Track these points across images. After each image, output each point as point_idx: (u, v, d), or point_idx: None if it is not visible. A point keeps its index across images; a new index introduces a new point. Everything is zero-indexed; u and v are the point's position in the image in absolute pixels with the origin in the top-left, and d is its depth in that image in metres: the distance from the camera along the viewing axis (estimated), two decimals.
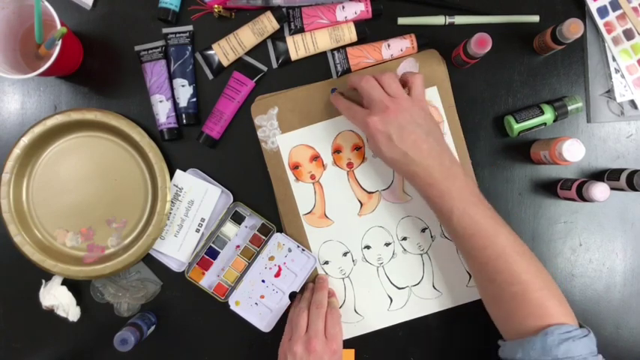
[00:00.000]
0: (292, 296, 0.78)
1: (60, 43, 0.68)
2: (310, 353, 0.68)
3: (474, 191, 0.67)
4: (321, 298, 0.74)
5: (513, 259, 0.65)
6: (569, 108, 0.76)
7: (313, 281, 0.79)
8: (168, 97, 0.78)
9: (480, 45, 0.69)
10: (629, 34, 0.77)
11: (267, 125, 0.77)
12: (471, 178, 0.67)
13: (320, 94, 0.78)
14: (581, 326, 0.64)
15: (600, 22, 0.77)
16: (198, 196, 0.78)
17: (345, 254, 0.79)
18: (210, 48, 0.78)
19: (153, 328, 0.78)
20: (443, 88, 0.77)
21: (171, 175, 0.78)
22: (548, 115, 0.76)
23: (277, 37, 0.78)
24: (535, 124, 0.76)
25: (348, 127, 0.78)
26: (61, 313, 0.78)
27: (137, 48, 0.78)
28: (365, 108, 0.70)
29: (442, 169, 0.66)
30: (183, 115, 0.78)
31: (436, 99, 0.77)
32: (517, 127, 0.75)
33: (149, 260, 0.79)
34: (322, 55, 0.79)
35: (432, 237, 0.78)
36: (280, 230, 0.79)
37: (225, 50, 0.77)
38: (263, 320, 0.78)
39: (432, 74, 0.77)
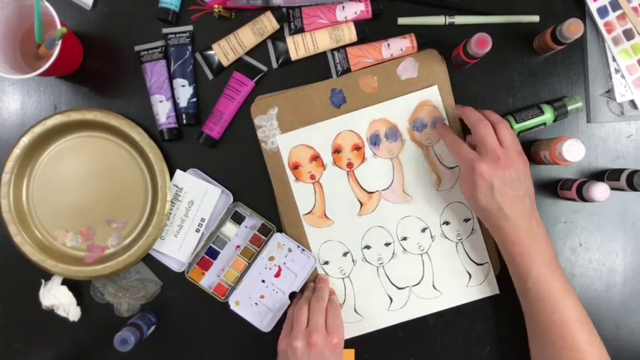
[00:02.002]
0: (292, 296, 0.78)
1: (60, 43, 0.68)
2: (311, 347, 0.67)
3: (553, 256, 0.69)
4: (322, 293, 0.74)
5: (578, 328, 0.67)
6: (569, 108, 0.76)
7: (314, 281, 0.78)
8: (168, 97, 0.78)
9: (480, 45, 0.69)
10: (629, 34, 0.77)
11: (267, 125, 0.77)
12: (551, 245, 0.70)
13: (320, 94, 0.78)
14: None
15: (600, 22, 0.77)
16: (198, 196, 0.78)
17: (345, 254, 0.79)
18: (210, 48, 0.78)
19: (153, 328, 0.78)
20: (443, 88, 0.77)
21: (172, 175, 0.78)
22: (548, 115, 0.76)
23: (277, 37, 0.78)
24: (535, 124, 0.76)
25: (348, 127, 0.78)
26: (61, 313, 0.78)
27: (137, 48, 0.78)
28: (471, 145, 0.71)
29: (529, 230, 0.68)
30: (184, 115, 0.78)
31: (436, 98, 0.77)
32: (517, 127, 0.75)
33: (149, 260, 0.79)
34: (322, 55, 0.79)
35: (432, 237, 0.78)
36: (280, 230, 0.79)
37: (225, 50, 0.77)
38: (263, 320, 0.78)
39: (431, 74, 0.77)
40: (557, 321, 0.67)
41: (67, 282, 0.78)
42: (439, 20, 0.78)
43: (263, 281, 0.78)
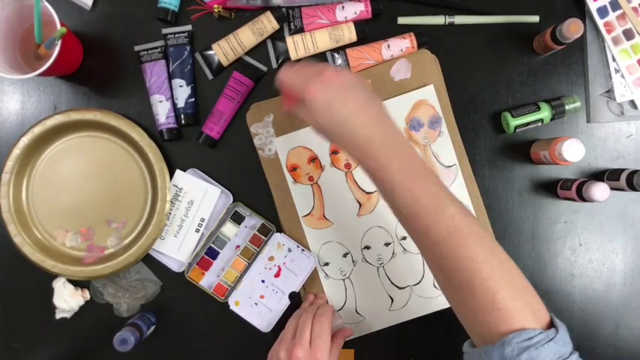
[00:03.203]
0: (292, 296, 0.78)
1: (60, 43, 0.68)
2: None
3: (418, 164, 0.57)
4: (312, 308, 0.73)
5: (459, 241, 0.54)
6: (567, 107, 0.76)
7: (315, 295, 0.79)
8: (168, 98, 0.78)
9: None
10: (629, 34, 0.77)
11: (264, 132, 0.77)
12: (414, 150, 0.58)
13: None
14: (550, 323, 0.54)
15: (600, 22, 0.77)
16: (198, 196, 0.78)
17: (345, 255, 0.79)
18: (210, 48, 0.78)
19: (153, 328, 0.78)
20: (438, 87, 0.77)
21: (171, 175, 0.78)
22: (545, 113, 0.76)
23: (277, 37, 0.78)
24: (531, 119, 0.75)
25: None
26: (60, 314, 0.78)
27: (137, 48, 0.78)
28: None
29: (384, 137, 0.56)
30: (182, 116, 0.78)
31: (433, 97, 0.77)
32: (513, 122, 0.75)
33: (149, 260, 0.79)
34: (322, 56, 0.79)
35: None
36: (280, 230, 0.79)
37: (225, 50, 0.77)
38: (263, 320, 0.78)
39: (425, 74, 0.77)
40: (435, 238, 0.55)
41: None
42: (439, 20, 0.78)
43: (263, 281, 0.78)
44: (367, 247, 0.78)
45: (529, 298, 0.54)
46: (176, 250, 0.78)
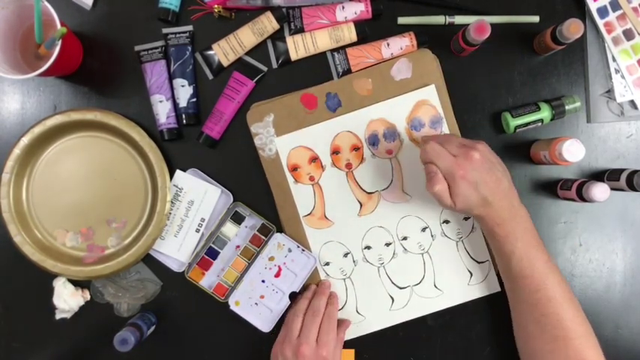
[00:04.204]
0: (292, 296, 0.78)
1: (60, 43, 0.68)
2: (298, 358, 0.68)
3: (535, 235, 0.69)
4: (319, 305, 0.74)
5: (562, 305, 0.67)
6: (567, 107, 0.76)
7: (317, 284, 0.78)
8: (168, 97, 0.78)
9: (479, 32, 0.69)
10: (629, 34, 0.77)
11: (264, 132, 0.77)
12: (532, 222, 0.69)
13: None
14: None
15: (600, 22, 0.77)
16: (198, 196, 0.78)
17: (345, 255, 0.79)
18: (210, 48, 0.78)
19: (153, 328, 0.78)
20: (439, 87, 0.77)
21: (171, 175, 0.78)
22: (545, 113, 0.76)
23: (277, 37, 0.78)
24: (531, 120, 0.76)
25: (346, 128, 0.78)
26: (60, 314, 0.78)
27: (137, 48, 0.78)
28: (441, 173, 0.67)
29: (511, 209, 0.67)
30: (183, 116, 0.78)
31: (434, 97, 0.77)
32: (513, 122, 0.75)
33: (149, 260, 0.79)
34: (322, 55, 0.79)
35: (432, 236, 0.78)
36: (280, 230, 0.79)
37: (225, 50, 0.77)
38: (263, 320, 0.78)
39: (425, 73, 0.77)
40: (541, 299, 0.67)
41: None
42: (439, 20, 0.78)
43: (263, 281, 0.78)
44: (368, 247, 0.79)
45: (602, 356, 0.68)
46: (176, 250, 0.78)
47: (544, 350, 0.68)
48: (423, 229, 0.78)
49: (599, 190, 0.70)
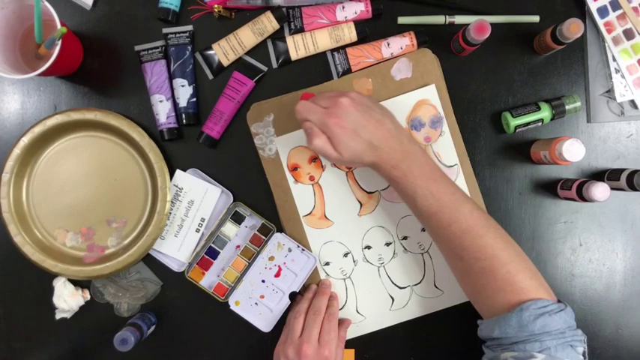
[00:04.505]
0: (292, 296, 0.78)
1: (60, 43, 0.68)
2: (301, 358, 0.68)
3: (435, 168, 0.66)
4: (320, 305, 0.74)
5: (478, 233, 0.64)
6: (567, 107, 0.76)
7: (317, 284, 0.78)
8: (169, 97, 0.78)
9: (479, 31, 0.69)
10: (629, 34, 0.77)
11: (264, 132, 0.77)
12: (429, 156, 0.67)
13: None
14: (558, 301, 0.63)
15: (600, 22, 0.77)
16: (198, 196, 0.78)
17: (345, 255, 0.79)
18: (210, 48, 0.78)
19: (153, 328, 0.78)
20: (439, 87, 0.77)
21: (172, 175, 0.78)
22: (545, 113, 0.76)
23: (277, 37, 0.78)
24: (531, 119, 0.76)
25: None
26: (60, 314, 0.78)
27: (137, 48, 0.78)
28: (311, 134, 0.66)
29: (402, 148, 0.65)
30: (183, 115, 0.78)
31: (434, 97, 0.77)
32: (513, 122, 0.75)
33: (149, 260, 0.79)
34: (322, 55, 0.79)
35: None
36: (280, 230, 0.79)
37: (225, 50, 0.77)
38: (263, 320, 0.78)
39: (426, 73, 0.77)
40: (456, 232, 0.64)
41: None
42: (439, 20, 0.78)
43: (263, 281, 0.78)
44: (368, 247, 0.79)
45: (542, 279, 0.64)
46: (176, 250, 0.78)
47: (477, 286, 0.66)
48: (423, 229, 0.78)
49: (599, 190, 0.70)
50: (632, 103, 0.78)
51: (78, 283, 0.79)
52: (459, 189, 0.66)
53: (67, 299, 0.77)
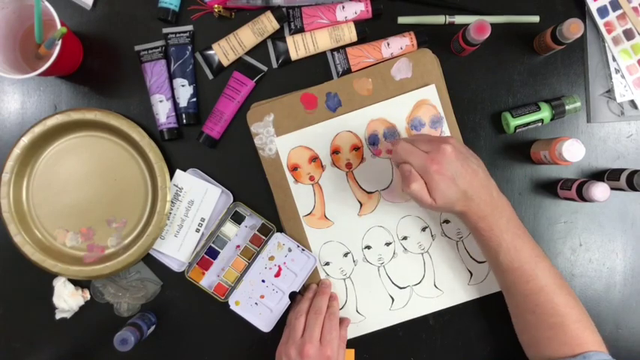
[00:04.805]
0: (292, 296, 0.78)
1: (60, 43, 0.68)
2: (303, 358, 0.68)
3: (519, 224, 0.68)
4: (321, 304, 0.74)
5: (554, 292, 0.67)
6: (567, 107, 0.76)
7: (317, 284, 0.78)
8: (169, 97, 0.78)
9: (479, 31, 0.69)
10: (629, 34, 0.77)
11: (264, 132, 0.77)
12: (514, 210, 0.68)
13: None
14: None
15: (600, 22, 0.77)
16: (198, 196, 0.78)
17: (345, 255, 0.79)
18: (210, 48, 0.78)
19: (153, 328, 0.78)
20: (439, 87, 0.77)
21: (171, 175, 0.78)
22: (545, 113, 0.76)
23: (277, 37, 0.78)
24: (531, 120, 0.76)
25: (346, 128, 0.78)
26: (60, 314, 0.78)
27: (137, 48, 0.78)
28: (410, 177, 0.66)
29: (492, 201, 0.66)
30: (184, 115, 0.78)
31: (434, 97, 0.77)
32: (513, 122, 0.75)
33: (149, 260, 0.79)
34: (322, 55, 0.79)
35: (432, 236, 0.78)
36: (280, 230, 0.79)
37: (225, 50, 0.77)
38: (263, 320, 0.78)
39: (426, 73, 0.77)
40: (533, 288, 0.67)
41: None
42: (439, 20, 0.78)
43: (263, 281, 0.78)
44: (368, 247, 0.79)
45: (600, 337, 0.68)
46: (176, 250, 0.78)
47: (542, 338, 0.68)
48: (423, 229, 0.78)
49: (599, 190, 0.70)
50: (632, 103, 0.78)
51: (78, 283, 0.79)
52: (537, 246, 0.69)
53: (67, 299, 0.77)
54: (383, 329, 0.79)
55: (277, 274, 0.78)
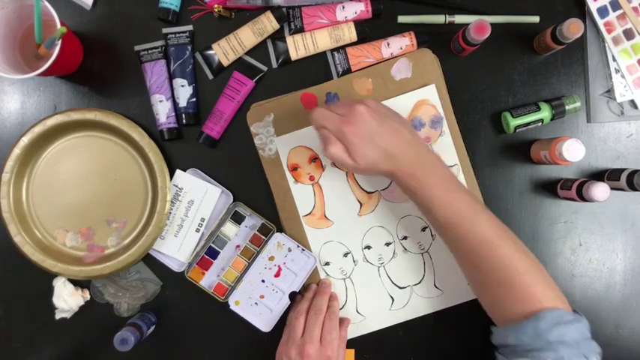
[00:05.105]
0: (292, 296, 0.78)
1: (60, 43, 0.68)
2: (303, 358, 0.68)
3: (451, 179, 0.66)
4: (321, 304, 0.74)
5: (495, 244, 0.63)
6: (567, 107, 0.76)
7: (317, 284, 0.78)
8: (168, 97, 0.78)
9: (479, 31, 0.69)
10: (629, 34, 0.77)
11: (264, 132, 0.77)
12: (446, 166, 0.66)
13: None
14: (574, 311, 0.63)
15: (600, 22, 0.77)
16: (198, 196, 0.78)
17: (345, 255, 0.79)
18: (210, 48, 0.78)
19: (153, 328, 0.78)
20: (439, 87, 0.77)
21: (171, 175, 0.78)
22: (545, 113, 0.76)
23: (277, 37, 0.78)
24: (531, 120, 0.76)
25: None
26: (60, 314, 0.78)
27: (137, 48, 0.78)
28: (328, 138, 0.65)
29: (419, 158, 0.65)
30: (183, 115, 0.78)
31: (434, 97, 0.77)
32: (513, 122, 0.75)
33: (149, 260, 0.79)
34: (322, 55, 0.79)
35: (432, 236, 0.78)
36: (280, 230, 0.79)
37: (225, 50, 0.77)
38: (263, 320, 0.78)
39: (426, 73, 0.77)
40: (473, 242, 0.64)
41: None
42: (439, 19, 0.78)
43: (263, 281, 0.78)
44: (368, 247, 0.79)
45: (558, 290, 0.64)
46: (176, 250, 0.78)
47: (494, 296, 0.66)
48: (423, 229, 0.78)
49: (599, 190, 0.70)
50: (632, 103, 0.78)
51: (78, 283, 0.79)
52: (475, 199, 0.66)
53: (66, 299, 0.77)
54: (383, 329, 0.79)
55: (277, 274, 0.78)
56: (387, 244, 0.79)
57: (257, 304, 0.78)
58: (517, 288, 0.63)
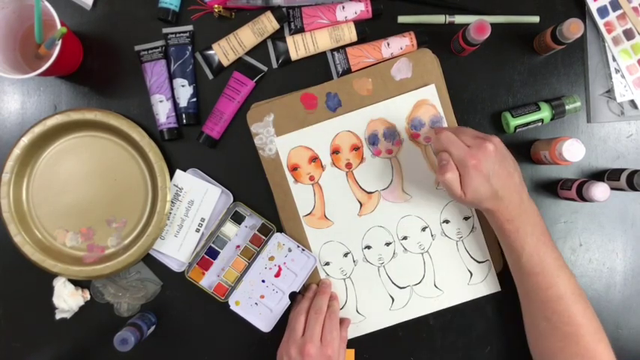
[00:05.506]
0: (292, 296, 0.78)
1: (60, 43, 0.68)
2: (304, 357, 0.68)
3: (545, 231, 0.69)
4: (321, 304, 0.74)
5: (572, 301, 0.67)
6: (567, 107, 0.76)
7: (317, 284, 0.78)
8: (169, 97, 0.78)
9: (479, 31, 0.69)
10: (629, 34, 0.77)
11: (264, 132, 0.77)
12: (542, 218, 0.69)
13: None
14: None
15: (600, 22, 0.77)
16: (198, 196, 0.78)
17: (345, 255, 0.79)
18: (210, 48, 0.78)
19: (153, 328, 0.78)
20: (439, 87, 0.77)
21: (171, 175, 0.78)
22: (545, 113, 0.76)
23: (277, 37, 0.78)
24: (531, 119, 0.76)
25: (346, 128, 0.78)
26: (60, 314, 0.78)
27: (137, 48, 0.78)
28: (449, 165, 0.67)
29: (521, 205, 0.67)
30: (183, 115, 0.78)
31: (434, 97, 0.77)
32: (513, 122, 0.75)
33: (149, 260, 0.79)
34: (322, 55, 0.79)
35: (432, 236, 0.78)
36: (280, 230, 0.79)
37: (225, 50, 0.77)
38: (263, 320, 0.78)
39: (426, 73, 0.77)
40: (552, 296, 0.67)
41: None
42: (439, 19, 0.78)
43: (263, 281, 0.78)
44: (368, 247, 0.79)
45: (612, 351, 0.68)
46: (176, 250, 0.78)
47: (555, 347, 0.68)
48: (423, 229, 0.78)
49: (599, 190, 0.70)
50: (632, 103, 0.78)
51: (78, 283, 0.79)
52: (561, 255, 0.69)
53: (66, 299, 0.77)
54: (383, 329, 0.79)
55: (277, 274, 0.78)
56: (387, 244, 0.79)
57: (257, 304, 0.78)
58: (582, 345, 0.67)
